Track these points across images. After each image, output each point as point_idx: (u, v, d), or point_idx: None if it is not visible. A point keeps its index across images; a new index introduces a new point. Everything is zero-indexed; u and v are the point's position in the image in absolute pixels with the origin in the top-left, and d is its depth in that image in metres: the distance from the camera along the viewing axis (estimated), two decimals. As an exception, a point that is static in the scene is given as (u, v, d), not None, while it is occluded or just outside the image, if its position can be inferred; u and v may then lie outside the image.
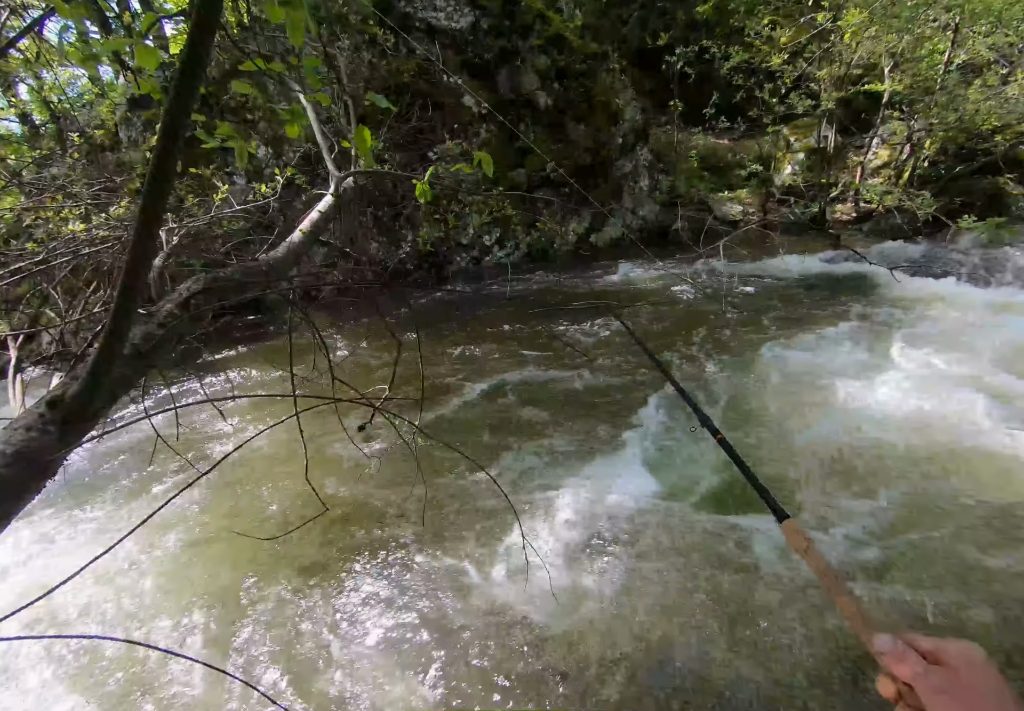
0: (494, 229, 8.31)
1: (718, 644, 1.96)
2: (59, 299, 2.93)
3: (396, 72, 7.62)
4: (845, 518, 2.51)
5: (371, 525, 2.72)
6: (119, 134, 7.79)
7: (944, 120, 8.02)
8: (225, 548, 2.63)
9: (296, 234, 2.08)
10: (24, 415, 1.11)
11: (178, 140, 0.88)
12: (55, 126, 9.29)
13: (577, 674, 1.89)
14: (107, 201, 3.67)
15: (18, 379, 2.04)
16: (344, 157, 3.38)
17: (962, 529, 2.40)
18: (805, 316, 5.28)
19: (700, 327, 5.19)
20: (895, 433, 3.12)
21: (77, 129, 8.27)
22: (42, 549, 2.72)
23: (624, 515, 2.63)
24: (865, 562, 2.25)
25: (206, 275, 1.45)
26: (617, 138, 9.14)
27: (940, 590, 2.09)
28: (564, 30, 8.60)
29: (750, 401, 3.68)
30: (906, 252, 7.43)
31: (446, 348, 5.10)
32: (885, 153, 9.67)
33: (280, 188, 3.00)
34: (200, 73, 0.87)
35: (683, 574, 2.27)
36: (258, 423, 3.90)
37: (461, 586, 2.30)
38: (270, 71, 1.33)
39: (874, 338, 4.49)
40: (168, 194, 1.00)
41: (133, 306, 1.01)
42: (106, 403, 1.23)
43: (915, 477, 2.77)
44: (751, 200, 10.23)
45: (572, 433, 3.45)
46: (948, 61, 7.86)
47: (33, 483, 1.06)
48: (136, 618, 2.27)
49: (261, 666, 2.01)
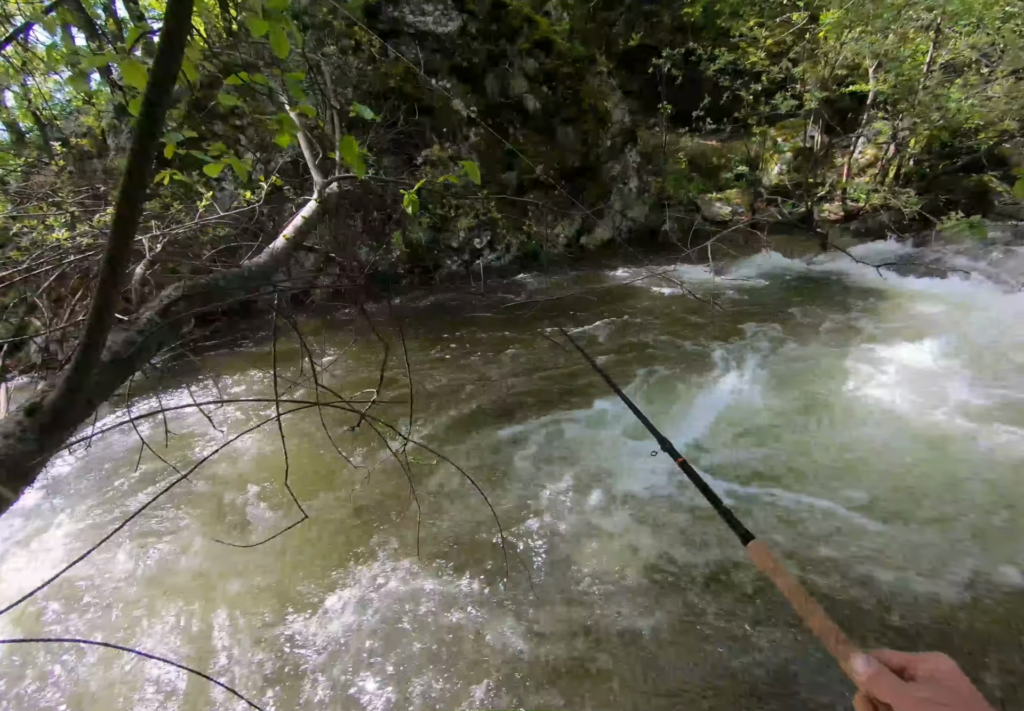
0: (484, 232, 8.33)
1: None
2: (44, 307, 2.92)
3: (384, 77, 7.64)
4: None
5: (354, 533, 2.73)
6: (106, 141, 7.77)
7: (928, 119, 8.13)
8: (207, 554, 2.63)
9: (279, 240, 2.09)
10: (3, 422, 1.12)
11: (150, 149, 0.90)
12: (40, 134, 9.24)
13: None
14: (93, 209, 3.67)
15: (3, 388, 2.03)
16: (331, 162, 3.39)
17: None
18: (791, 315, 5.34)
19: (685, 326, 5.24)
20: (875, 429, 3.17)
21: (62, 137, 8.24)
22: (23, 554, 2.71)
23: (598, 519, 2.65)
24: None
25: (186, 282, 1.46)
26: (606, 140, 9.20)
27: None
28: (551, 34, 8.65)
29: (742, 405, 3.71)
30: (893, 250, 7.53)
31: (434, 351, 5.12)
32: (871, 152, 9.78)
33: (266, 194, 3.01)
34: (171, 82, 0.88)
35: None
36: (246, 429, 3.90)
37: (446, 596, 2.31)
38: (255, 83, 1.34)
39: (860, 336, 4.55)
40: (142, 202, 1.01)
41: (110, 313, 1.02)
42: (84, 410, 1.24)
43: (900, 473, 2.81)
44: (739, 200, 10.31)
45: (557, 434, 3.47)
46: (931, 61, 7.97)
47: (11, 489, 1.06)
48: (117, 623, 2.27)
49: (243, 673, 2.01)
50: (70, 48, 2.41)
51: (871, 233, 8.42)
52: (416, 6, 7.97)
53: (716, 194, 10.51)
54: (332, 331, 6.10)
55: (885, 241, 7.91)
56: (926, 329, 4.47)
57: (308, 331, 5.88)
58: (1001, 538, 2.34)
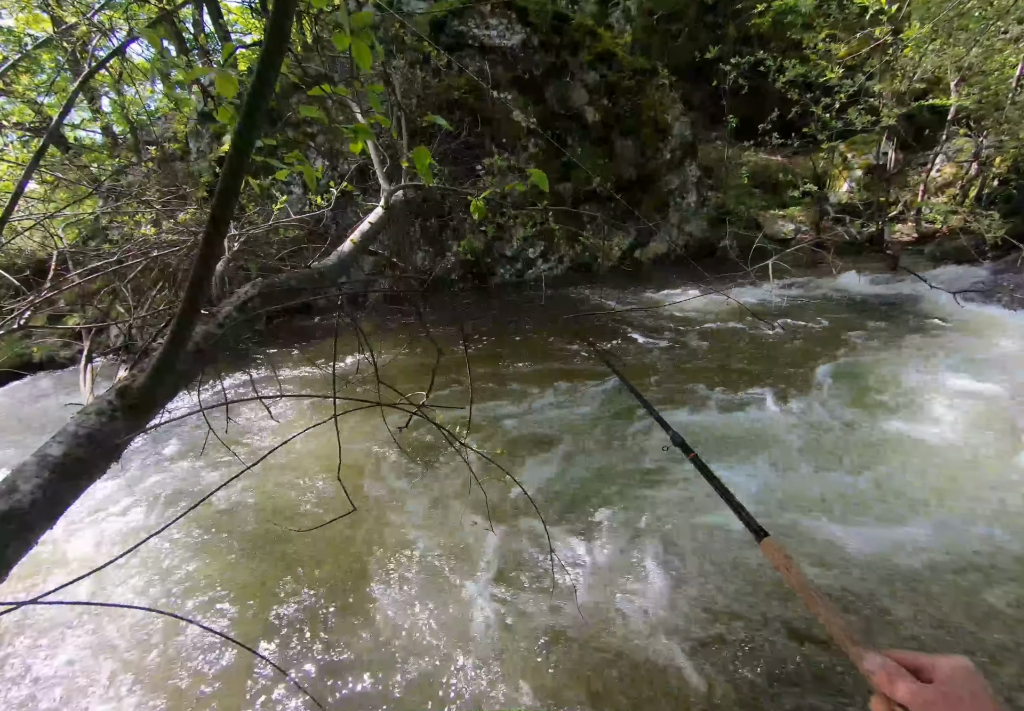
0: (538, 242, 8.39)
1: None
2: (128, 296, 3.15)
3: (448, 88, 7.86)
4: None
5: (401, 526, 2.78)
6: (189, 145, 8.33)
7: (1016, 136, 7.61)
8: (263, 539, 2.74)
9: (346, 244, 2.19)
10: (96, 402, 1.22)
11: (246, 156, 0.97)
12: (133, 137, 10.01)
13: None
14: (176, 208, 3.93)
15: (89, 368, 2.20)
16: (395, 170, 3.52)
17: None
18: (857, 340, 5.07)
19: (741, 347, 5.08)
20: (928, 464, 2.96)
21: (153, 141, 8.88)
22: (96, 529, 2.91)
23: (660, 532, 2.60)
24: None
25: (262, 280, 1.55)
26: (665, 153, 9.09)
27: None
28: (613, 46, 8.66)
29: (789, 428, 3.56)
30: (972, 276, 7.01)
31: (485, 355, 5.18)
32: (950, 171, 9.23)
33: (334, 200, 3.15)
34: (268, 95, 0.95)
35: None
36: (304, 421, 4.06)
37: (487, 591, 2.32)
38: (335, 95, 1.42)
39: (931, 366, 4.27)
40: (234, 205, 1.08)
41: (198, 307, 1.09)
42: (168, 394, 1.33)
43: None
44: (804, 218, 9.93)
45: (610, 447, 3.43)
46: (1020, 75, 7.47)
47: (101, 463, 1.15)
48: (177, 596, 2.40)
49: (292, 655, 2.08)
50: (171, 62, 2.62)
51: (947, 257, 7.90)
52: (481, 20, 8.18)
53: (779, 211, 10.17)
54: (382, 333, 6.28)
55: (962, 266, 7.41)
56: (1006, 363, 4.16)
57: (364, 331, 6.07)
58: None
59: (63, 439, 1.11)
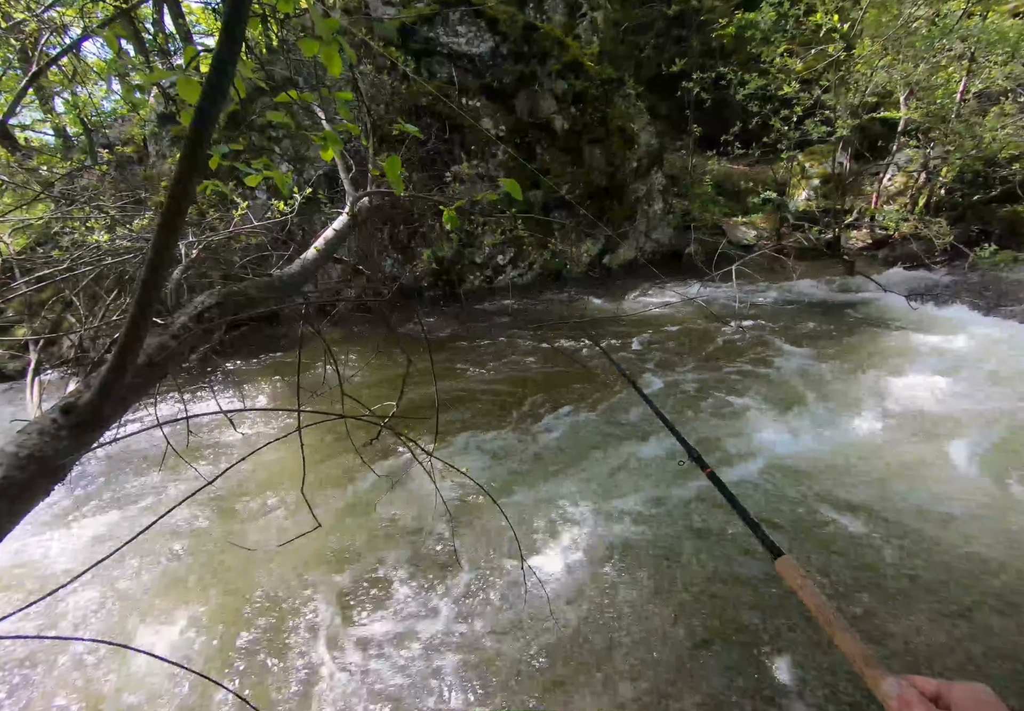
0: (508, 249, 8.41)
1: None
2: (80, 306, 3.02)
3: (416, 94, 7.84)
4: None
5: (370, 542, 2.72)
6: (147, 148, 8.07)
7: (961, 147, 8.03)
8: (223, 558, 2.64)
9: (310, 251, 2.14)
10: (39, 419, 1.15)
11: (196, 161, 0.93)
12: (87, 139, 9.64)
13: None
14: (132, 213, 3.79)
15: (36, 381, 2.09)
16: (362, 176, 3.47)
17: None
18: (816, 343, 5.24)
19: (706, 350, 5.18)
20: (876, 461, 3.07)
21: (107, 143, 8.57)
22: (44, 553, 2.75)
23: (622, 543, 2.61)
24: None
25: (220, 289, 1.49)
26: (632, 162, 9.26)
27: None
28: (581, 56, 8.79)
29: (751, 428, 3.64)
30: (923, 280, 7.36)
31: (455, 364, 5.14)
32: (901, 180, 9.67)
33: (298, 206, 3.08)
34: (220, 104, 0.92)
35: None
36: (272, 434, 3.94)
37: (458, 603, 2.28)
38: (300, 101, 1.38)
39: (887, 368, 4.44)
40: (186, 212, 1.04)
41: (148, 317, 1.04)
42: (117, 410, 1.27)
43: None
44: (765, 225, 10.25)
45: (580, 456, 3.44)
46: (964, 89, 7.90)
47: (43, 485, 1.08)
48: (132, 623, 2.28)
49: (252, 680, 2.00)
50: (128, 61, 2.52)
51: (900, 261, 8.30)
52: (450, 27, 8.19)
53: (742, 218, 10.47)
54: (352, 343, 6.17)
55: (914, 270, 7.77)
56: (946, 361, 4.36)
57: (330, 341, 5.95)
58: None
59: (1, 460, 1.04)
